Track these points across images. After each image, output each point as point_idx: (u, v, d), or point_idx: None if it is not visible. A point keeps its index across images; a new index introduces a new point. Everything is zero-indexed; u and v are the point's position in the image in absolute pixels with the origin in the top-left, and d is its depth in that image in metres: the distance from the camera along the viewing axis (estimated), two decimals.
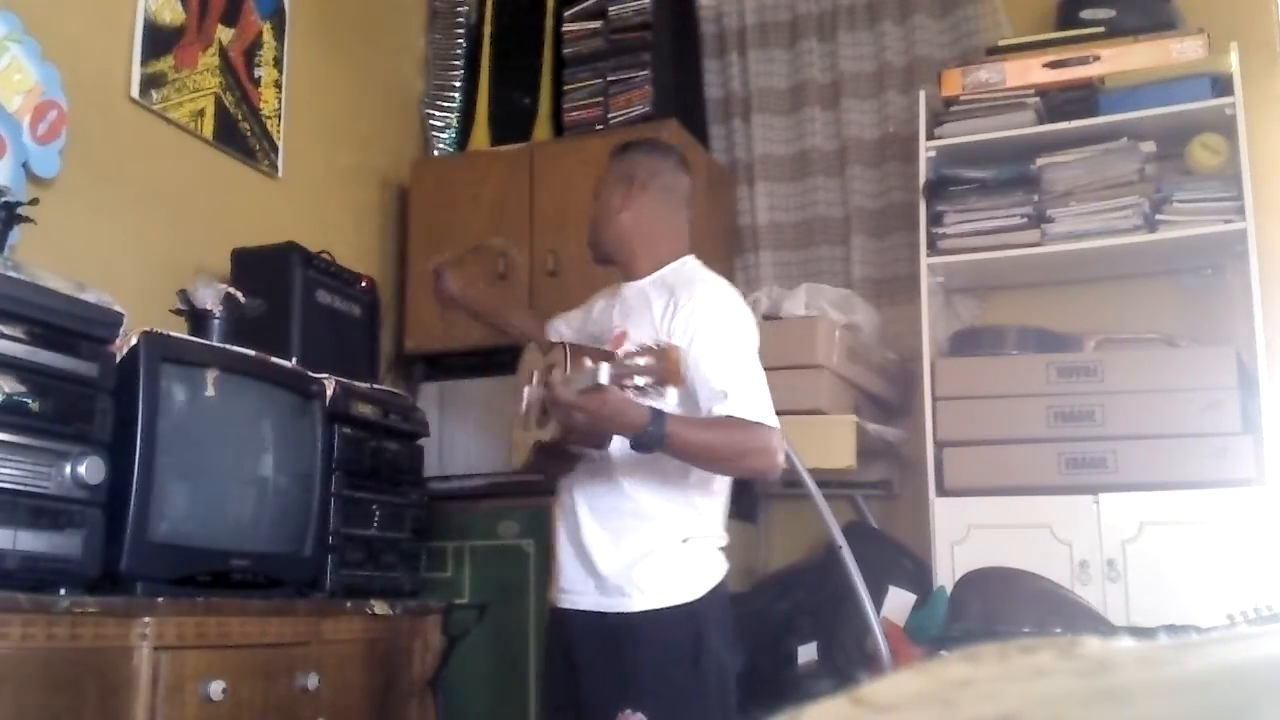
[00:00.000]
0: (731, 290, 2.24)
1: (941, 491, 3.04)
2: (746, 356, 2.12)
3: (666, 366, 1.81)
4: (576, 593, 2.15)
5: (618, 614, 2.09)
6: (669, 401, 2.05)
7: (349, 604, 2.49)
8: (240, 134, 3.14)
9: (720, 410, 2.02)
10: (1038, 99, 3.21)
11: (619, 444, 2.06)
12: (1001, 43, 3.39)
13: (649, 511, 2.12)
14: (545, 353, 2.13)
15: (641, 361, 1.82)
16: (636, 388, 1.85)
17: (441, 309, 2.75)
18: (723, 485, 2.22)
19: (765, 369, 2.12)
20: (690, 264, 2.27)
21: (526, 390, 2.15)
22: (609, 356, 1.90)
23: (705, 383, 2.05)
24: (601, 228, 2.29)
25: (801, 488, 2.80)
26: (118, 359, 2.04)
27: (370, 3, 3.81)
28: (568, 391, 1.88)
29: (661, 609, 2.07)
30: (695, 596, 2.09)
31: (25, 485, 1.84)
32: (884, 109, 3.68)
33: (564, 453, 2.12)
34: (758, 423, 2.03)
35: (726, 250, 3.72)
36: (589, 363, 1.88)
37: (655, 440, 1.94)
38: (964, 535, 2.97)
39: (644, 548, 2.10)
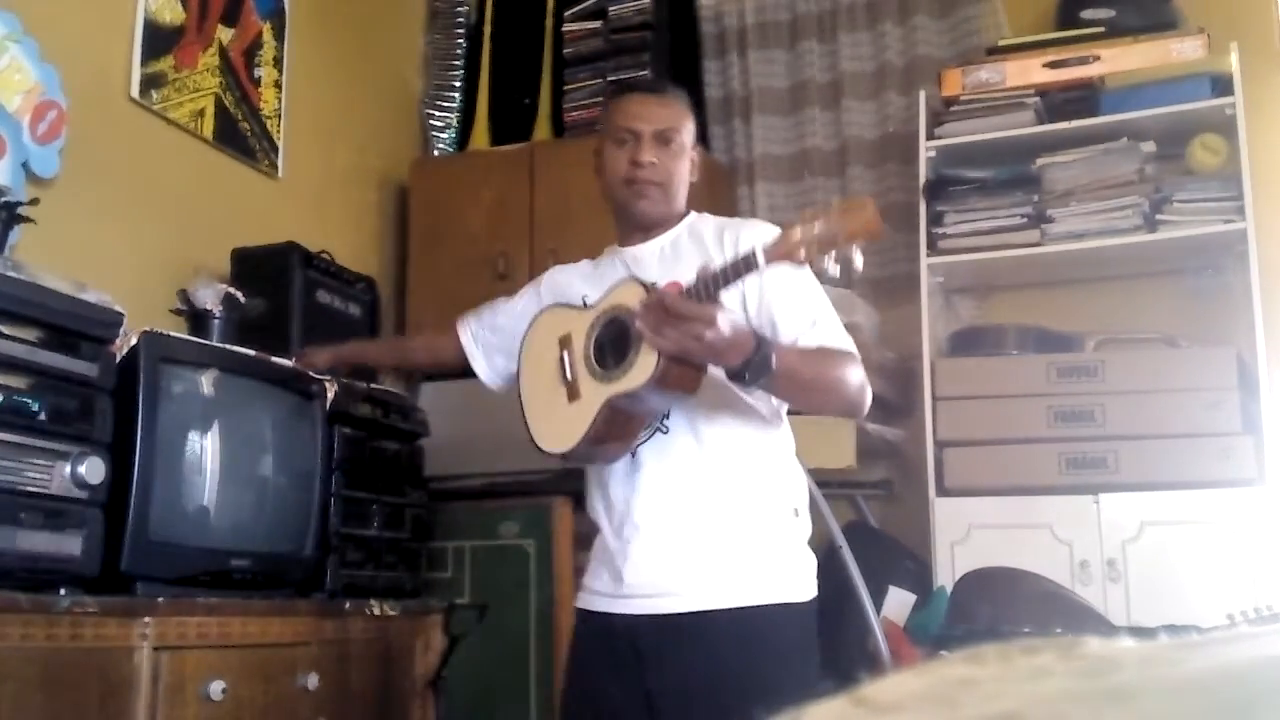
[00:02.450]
0: None
1: (941, 491, 3.04)
2: (819, 287, 1.89)
3: (860, 219, 1.53)
4: (658, 595, 1.83)
5: (737, 608, 1.80)
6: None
7: (349, 604, 2.49)
8: (240, 134, 3.14)
9: (810, 340, 1.81)
10: (1038, 99, 3.21)
11: (707, 395, 1.80)
12: (1001, 43, 3.39)
13: (752, 480, 1.89)
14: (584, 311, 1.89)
15: (818, 228, 1.55)
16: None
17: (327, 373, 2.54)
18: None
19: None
20: (703, 214, 2.05)
21: (566, 356, 1.89)
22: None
23: (789, 311, 1.82)
24: (680, 178, 1.98)
25: None
26: (118, 359, 2.04)
27: (370, 3, 3.81)
28: (689, 305, 1.62)
29: (791, 603, 1.86)
30: (814, 589, 1.91)
31: (25, 485, 1.84)
32: (884, 109, 3.68)
33: (637, 411, 1.82)
34: (851, 352, 1.84)
35: None
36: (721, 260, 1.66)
37: (764, 365, 1.66)
38: (964, 535, 2.97)
39: (754, 527, 1.86)
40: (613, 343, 1.81)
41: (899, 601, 2.94)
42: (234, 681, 2.05)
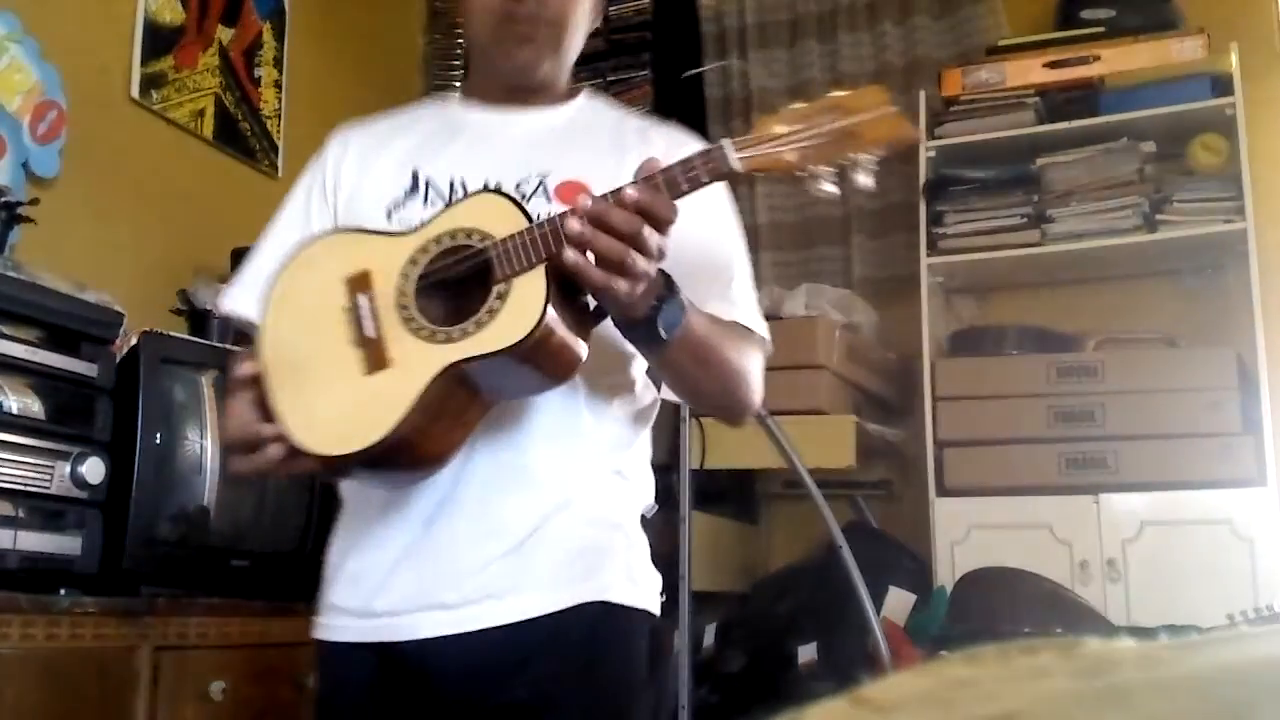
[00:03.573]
0: None
1: (941, 491, 3.04)
2: (741, 234, 1.46)
3: (881, 123, 1.11)
4: (467, 604, 1.28)
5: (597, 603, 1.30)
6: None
7: None
8: (240, 134, 3.14)
9: (722, 309, 1.35)
10: (1038, 99, 3.21)
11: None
12: (1001, 43, 3.39)
13: (623, 467, 1.39)
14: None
15: (826, 125, 1.11)
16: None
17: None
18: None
19: (765, 369, 1.61)
20: (599, 96, 1.57)
21: (362, 304, 1.22)
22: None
23: (707, 258, 1.36)
24: (575, 24, 1.43)
25: (801, 488, 2.80)
26: (118, 359, 2.04)
27: (370, 3, 3.81)
28: (659, 201, 1.13)
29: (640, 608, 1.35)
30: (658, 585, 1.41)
31: (25, 485, 1.84)
32: None
33: (489, 390, 1.22)
34: (763, 340, 1.41)
35: None
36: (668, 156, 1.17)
37: (676, 315, 1.21)
38: (964, 535, 2.97)
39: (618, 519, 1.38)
40: (457, 287, 1.20)
41: (899, 601, 2.93)
42: (234, 681, 2.05)
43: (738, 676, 2.90)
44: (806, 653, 2.91)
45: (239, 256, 2.94)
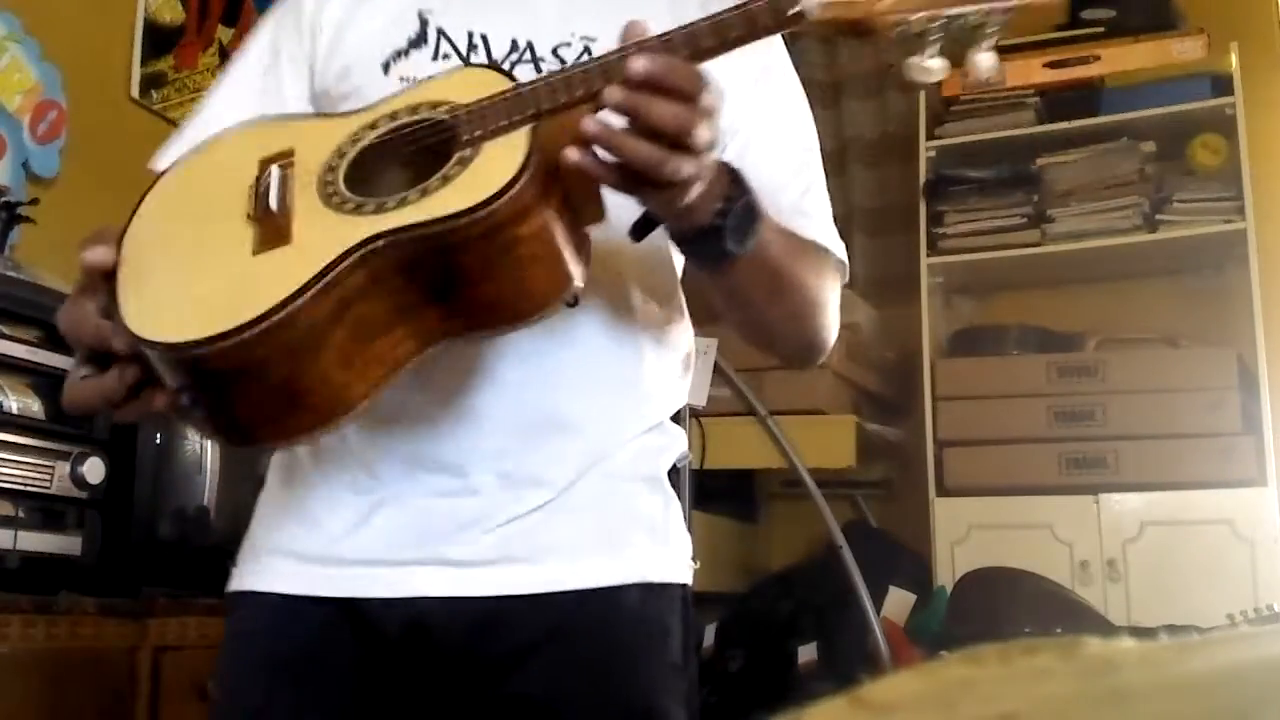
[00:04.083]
0: None
1: (941, 491, 3.04)
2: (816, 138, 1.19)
3: None
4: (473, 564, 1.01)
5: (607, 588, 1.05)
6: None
7: None
8: None
9: (793, 219, 1.06)
10: (1038, 99, 3.22)
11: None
12: (1001, 43, 3.38)
13: (656, 388, 1.11)
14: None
15: None
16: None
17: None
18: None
19: (764, 369, 1.31)
20: None
21: (273, 177, 0.90)
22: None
23: (783, 164, 1.12)
24: None
25: (801, 487, 2.80)
26: None
27: None
28: (687, 73, 0.81)
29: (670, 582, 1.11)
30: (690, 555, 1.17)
31: (25, 485, 1.84)
32: (884, 109, 3.68)
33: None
34: (839, 269, 1.14)
35: None
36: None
37: (748, 220, 0.92)
38: (964, 535, 2.97)
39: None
40: (419, 169, 0.87)
41: (899, 601, 2.93)
42: None
43: (738, 676, 2.90)
44: (806, 653, 2.91)
45: None
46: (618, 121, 0.81)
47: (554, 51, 1.04)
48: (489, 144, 0.84)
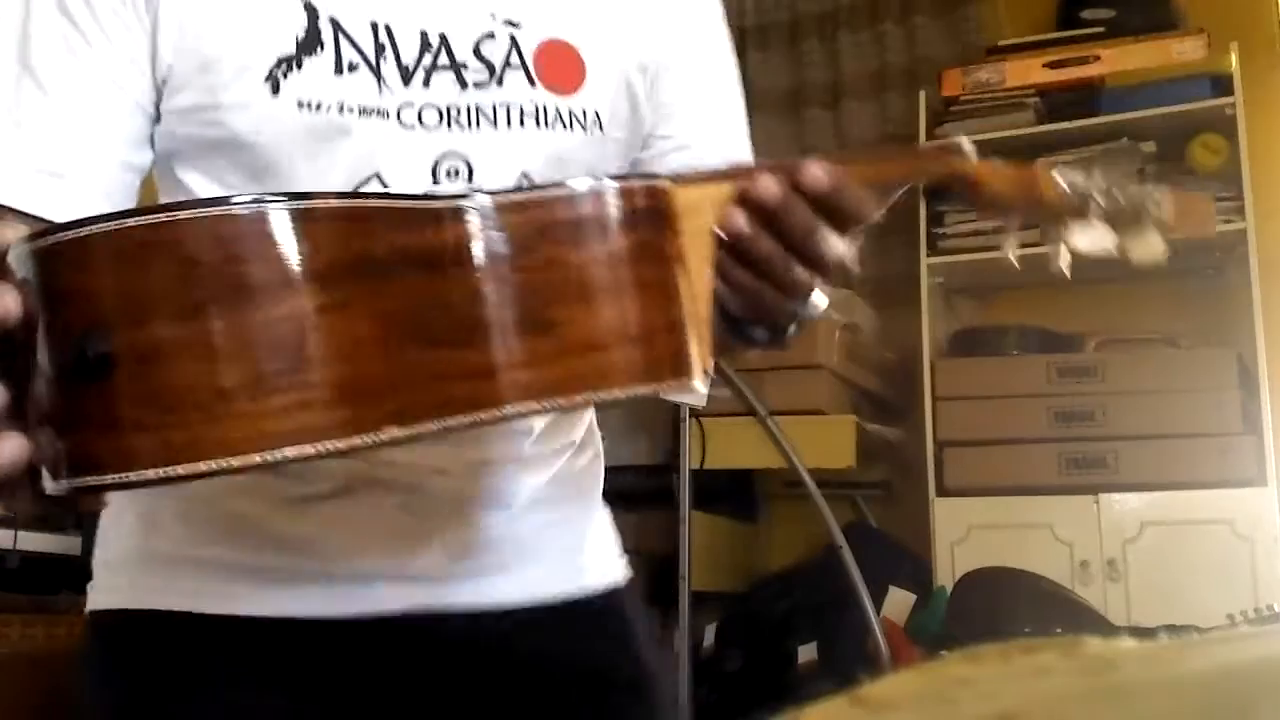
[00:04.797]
0: None
1: (941, 491, 3.04)
2: None
3: (1196, 208, 0.88)
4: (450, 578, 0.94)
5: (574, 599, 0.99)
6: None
7: None
8: None
9: None
10: (1038, 99, 3.22)
11: None
12: (1001, 43, 3.40)
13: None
14: None
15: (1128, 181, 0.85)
16: None
17: None
18: None
19: (764, 369, 1.28)
20: None
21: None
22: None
23: (730, 108, 1.10)
24: None
25: (801, 488, 2.80)
26: None
27: None
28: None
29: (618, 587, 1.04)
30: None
31: None
32: (884, 109, 3.68)
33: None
34: None
35: None
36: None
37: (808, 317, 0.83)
38: (964, 535, 2.97)
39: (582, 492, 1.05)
40: None
41: (899, 601, 2.93)
42: None
43: (737, 676, 2.90)
44: (806, 653, 2.91)
45: None
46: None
47: (475, 47, 0.87)
48: None
